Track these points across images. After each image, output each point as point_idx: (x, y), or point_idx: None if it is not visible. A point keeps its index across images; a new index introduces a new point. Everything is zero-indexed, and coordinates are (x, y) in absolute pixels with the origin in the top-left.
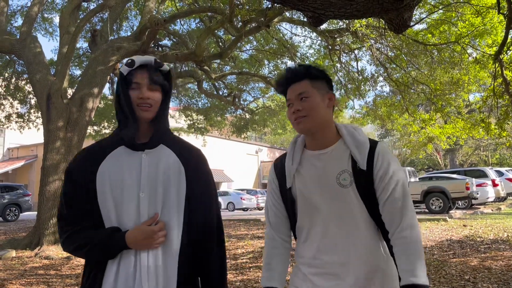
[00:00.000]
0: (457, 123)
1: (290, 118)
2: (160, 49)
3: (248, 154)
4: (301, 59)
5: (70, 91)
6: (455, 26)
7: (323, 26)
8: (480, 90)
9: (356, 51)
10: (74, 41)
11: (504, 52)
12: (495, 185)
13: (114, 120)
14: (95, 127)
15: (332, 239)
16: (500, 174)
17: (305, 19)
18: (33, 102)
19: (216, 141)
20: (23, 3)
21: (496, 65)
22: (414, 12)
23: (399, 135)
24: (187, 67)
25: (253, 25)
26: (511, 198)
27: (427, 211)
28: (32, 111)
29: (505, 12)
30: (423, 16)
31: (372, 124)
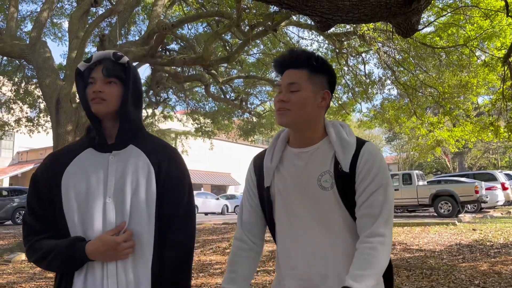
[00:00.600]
0: (465, 126)
1: (275, 105)
2: (167, 53)
3: None
4: None
5: None
6: (463, 29)
7: (330, 30)
8: (489, 93)
9: (363, 54)
10: (83, 46)
11: None
12: (504, 188)
13: None
14: None
15: (312, 247)
16: (509, 177)
17: (312, 23)
18: (42, 106)
19: (223, 144)
20: (32, 9)
21: (505, 67)
22: (422, 15)
23: (406, 138)
24: (194, 71)
25: (260, 29)
26: None
27: (435, 215)
28: (41, 115)
29: None
30: (431, 19)
31: (379, 127)
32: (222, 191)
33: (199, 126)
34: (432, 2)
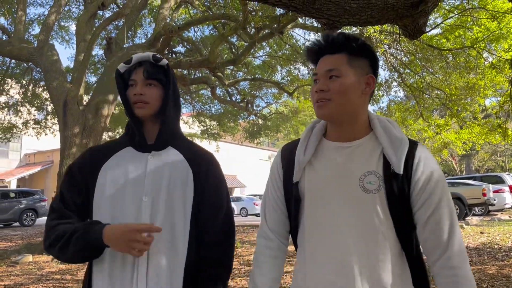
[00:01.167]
0: (473, 129)
1: (312, 97)
2: (174, 56)
3: (261, 160)
4: None
5: (86, 98)
6: (471, 31)
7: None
8: (497, 95)
9: None
10: (90, 48)
11: None
12: None
13: None
14: (110, 133)
15: (344, 257)
16: None
17: (318, 25)
18: (49, 108)
19: (229, 146)
20: (40, 12)
21: None
22: (429, 17)
23: None
24: (200, 74)
25: (266, 31)
26: None
27: None
28: (48, 117)
29: None
30: (438, 21)
31: None
32: None
33: (205, 128)
34: (439, 4)
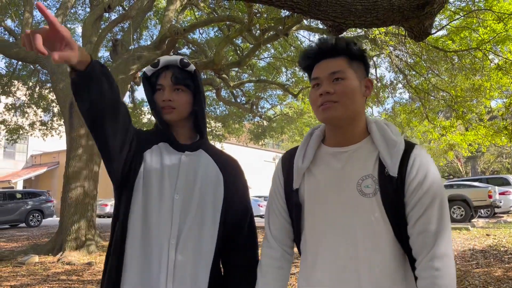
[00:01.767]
0: (478, 130)
1: (315, 101)
2: None
3: (265, 161)
4: None
5: None
6: (476, 32)
7: (342, 34)
8: (503, 97)
9: (374, 58)
10: (96, 50)
11: None
12: None
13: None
14: None
15: (344, 261)
16: None
17: (324, 27)
18: (56, 110)
19: (233, 148)
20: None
21: None
22: (435, 18)
23: (418, 142)
24: (205, 75)
25: (271, 33)
26: None
27: None
28: (55, 119)
29: None
30: (443, 22)
31: None
32: None
33: (210, 129)
34: (445, 5)
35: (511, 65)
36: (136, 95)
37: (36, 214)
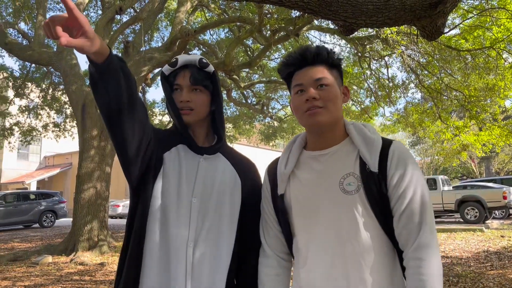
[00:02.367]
0: (493, 130)
1: (299, 107)
2: None
3: None
4: None
5: None
6: (490, 31)
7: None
8: None
9: (386, 58)
10: None
11: None
12: None
13: None
14: None
15: (333, 262)
16: None
17: (334, 27)
18: (68, 112)
19: (244, 149)
20: None
21: None
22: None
23: (431, 142)
24: None
25: (282, 33)
26: None
27: (461, 221)
28: (67, 120)
29: None
30: (456, 21)
31: (403, 132)
32: None
33: None
34: (458, 4)
35: None
36: (147, 96)
37: (50, 215)
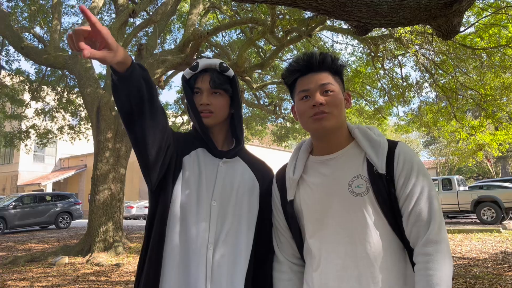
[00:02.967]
0: (509, 130)
1: (305, 112)
2: None
3: None
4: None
5: None
6: (506, 29)
7: None
8: None
9: (400, 57)
10: None
11: None
12: None
13: None
14: None
15: (344, 263)
16: None
17: (348, 27)
18: (83, 114)
19: (257, 150)
20: (74, 21)
21: None
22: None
23: (445, 142)
24: None
25: (294, 34)
26: None
27: (478, 221)
28: (82, 123)
29: None
30: (471, 19)
31: (417, 131)
32: None
33: None
34: (473, 2)
35: None
36: (160, 98)
37: (65, 216)
